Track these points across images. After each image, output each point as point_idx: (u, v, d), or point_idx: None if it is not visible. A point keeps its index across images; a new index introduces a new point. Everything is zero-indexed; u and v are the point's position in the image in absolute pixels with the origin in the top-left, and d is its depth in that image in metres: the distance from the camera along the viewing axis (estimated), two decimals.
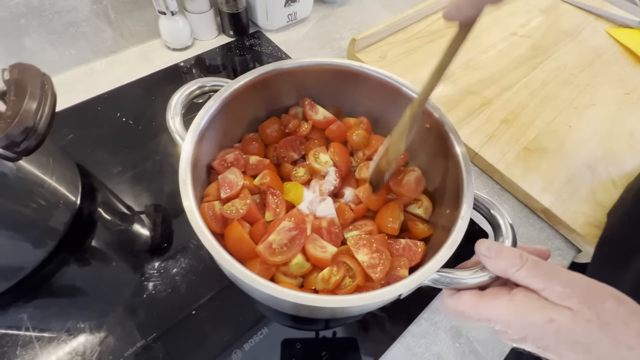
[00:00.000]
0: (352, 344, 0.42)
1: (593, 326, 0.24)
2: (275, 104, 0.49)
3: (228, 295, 0.44)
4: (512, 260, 0.27)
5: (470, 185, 0.34)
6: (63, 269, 0.45)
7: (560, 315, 0.24)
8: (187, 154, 0.35)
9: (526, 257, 0.27)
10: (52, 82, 0.36)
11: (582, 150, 0.59)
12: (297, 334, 0.42)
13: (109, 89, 0.63)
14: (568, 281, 0.25)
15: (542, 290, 0.26)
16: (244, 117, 0.47)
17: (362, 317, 0.43)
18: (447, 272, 0.30)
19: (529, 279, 0.26)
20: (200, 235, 0.31)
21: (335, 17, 0.83)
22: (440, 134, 0.40)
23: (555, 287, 0.25)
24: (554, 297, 0.25)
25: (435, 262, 0.29)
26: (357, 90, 0.46)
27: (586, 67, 0.73)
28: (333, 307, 0.28)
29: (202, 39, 0.73)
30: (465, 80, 0.68)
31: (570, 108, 0.65)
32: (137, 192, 0.52)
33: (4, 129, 0.31)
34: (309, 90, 0.48)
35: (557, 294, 0.25)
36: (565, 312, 0.24)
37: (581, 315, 0.24)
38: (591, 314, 0.24)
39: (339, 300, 0.29)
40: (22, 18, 0.55)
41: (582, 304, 0.24)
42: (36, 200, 0.41)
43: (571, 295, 0.25)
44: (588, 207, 0.52)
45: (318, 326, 0.43)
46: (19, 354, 0.39)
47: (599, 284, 0.25)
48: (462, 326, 0.44)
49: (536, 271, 0.26)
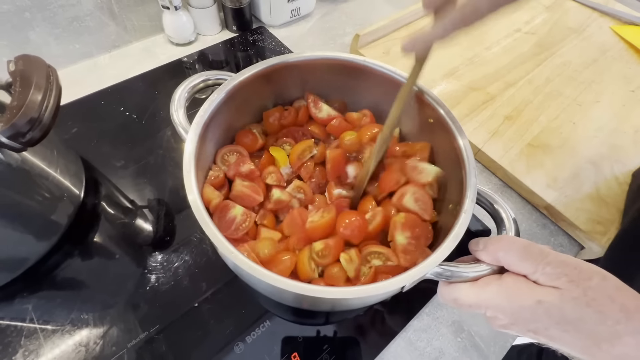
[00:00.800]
0: (354, 338, 0.42)
1: (580, 303, 0.24)
2: (280, 98, 0.48)
3: (231, 288, 0.44)
4: (499, 244, 0.28)
5: (473, 178, 0.34)
6: (67, 262, 0.45)
7: (548, 295, 0.25)
8: (190, 146, 0.35)
9: (514, 240, 0.28)
10: (57, 74, 0.36)
11: (586, 147, 0.59)
12: (299, 327, 0.42)
13: (112, 83, 0.63)
14: (558, 262, 0.26)
15: (532, 274, 0.26)
16: (248, 109, 0.46)
17: (364, 311, 0.44)
18: (449, 265, 0.30)
19: (520, 262, 0.27)
20: (205, 227, 0.31)
21: (338, 13, 0.82)
22: (443, 128, 0.40)
23: (545, 269, 0.26)
24: (544, 279, 0.26)
25: (439, 255, 0.29)
26: (362, 85, 0.46)
27: (591, 64, 0.72)
28: (335, 298, 0.28)
29: (206, 34, 0.73)
30: (469, 76, 0.68)
31: (575, 105, 0.65)
32: (141, 185, 0.52)
33: (9, 119, 0.31)
34: (313, 84, 0.48)
35: (547, 275, 0.26)
36: (553, 292, 0.25)
37: (568, 293, 0.25)
38: (578, 291, 0.24)
39: (341, 292, 0.29)
40: (26, 11, 0.55)
41: (570, 282, 0.25)
42: (40, 193, 0.41)
43: (560, 275, 0.25)
44: (591, 204, 0.52)
45: (320, 320, 0.43)
46: (24, 344, 0.39)
47: (586, 264, 0.26)
48: (464, 321, 0.44)
49: (526, 254, 0.27)
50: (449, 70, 0.69)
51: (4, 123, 0.31)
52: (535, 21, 0.81)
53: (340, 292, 0.29)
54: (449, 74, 0.68)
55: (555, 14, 0.83)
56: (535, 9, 0.84)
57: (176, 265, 0.45)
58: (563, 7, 0.85)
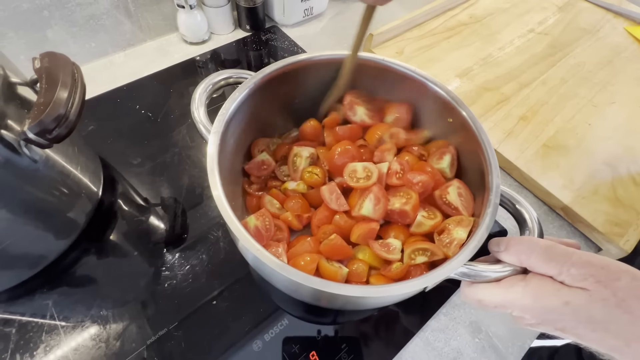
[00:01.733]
0: (372, 338, 0.42)
1: (609, 304, 0.24)
2: (302, 96, 0.48)
3: (249, 286, 0.44)
4: (522, 246, 0.28)
5: (496, 178, 0.34)
6: (85, 259, 0.45)
7: (576, 296, 0.25)
8: (213, 145, 0.35)
9: (536, 242, 0.28)
10: (81, 72, 0.36)
11: (602, 148, 0.58)
12: (317, 327, 0.42)
13: (127, 81, 0.63)
14: (583, 262, 0.26)
15: (558, 275, 0.26)
16: (270, 107, 0.46)
17: (382, 310, 0.44)
18: (473, 265, 0.30)
19: (544, 264, 0.27)
20: (229, 222, 0.31)
21: (351, 13, 0.82)
22: (464, 127, 0.40)
23: (570, 270, 0.26)
24: (570, 280, 0.26)
25: (464, 255, 0.29)
26: (393, 86, 0.45)
27: (605, 65, 0.72)
28: (355, 296, 0.28)
29: (219, 33, 0.74)
30: (483, 76, 0.67)
31: (590, 106, 0.64)
32: (157, 183, 0.52)
33: (37, 116, 0.31)
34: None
35: (573, 276, 0.25)
36: (581, 293, 0.25)
37: (597, 294, 0.24)
38: (607, 292, 0.24)
39: (362, 290, 0.28)
40: (45, 10, 0.55)
41: (597, 283, 0.25)
42: (61, 190, 0.42)
43: (586, 275, 0.25)
44: (609, 205, 0.52)
45: (338, 318, 0.43)
46: (45, 339, 0.40)
47: (614, 262, 0.26)
48: (482, 321, 0.44)
49: (550, 255, 0.27)
50: (463, 70, 0.68)
51: (31, 119, 0.31)
52: (548, 22, 0.80)
53: (360, 290, 0.28)
54: (463, 74, 0.68)
55: (568, 15, 0.82)
56: (547, 9, 0.84)
57: (193, 263, 0.46)
58: (576, 7, 0.84)
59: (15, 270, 0.42)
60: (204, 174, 0.33)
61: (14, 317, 0.41)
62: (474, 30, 0.77)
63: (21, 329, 0.40)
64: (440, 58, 0.70)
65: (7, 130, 0.32)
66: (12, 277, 0.42)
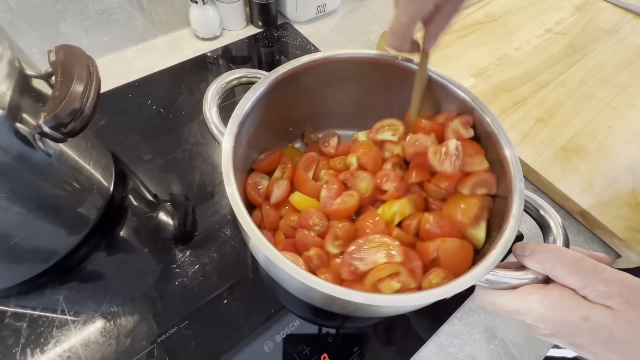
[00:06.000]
0: (385, 341, 0.41)
1: (634, 327, 0.23)
2: (316, 95, 0.47)
3: (260, 285, 0.44)
4: (548, 254, 0.27)
5: (519, 183, 0.33)
6: (95, 254, 0.45)
7: (598, 313, 0.24)
8: (228, 144, 0.34)
9: (564, 252, 0.27)
10: (97, 65, 0.36)
11: (622, 152, 0.57)
12: (329, 329, 0.42)
13: (139, 76, 0.63)
14: (614, 280, 0.24)
15: (582, 289, 0.25)
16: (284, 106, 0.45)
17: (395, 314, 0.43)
18: (496, 273, 0.29)
19: (569, 276, 0.26)
20: (242, 221, 0.30)
21: (363, 10, 0.81)
22: (485, 131, 0.39)
23: (597, 285, 0.24)
24: (594, 296, 0.24)
25: (489, 262, 0.28)
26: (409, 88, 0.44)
27: (626, 66, 0.70)
28: (371, 304, 0.27)
29: (231, 29, 0.73)
30: (499, 77, 0.66)
31: (609, 108, 0.63)
32: (168, 180, 0.52)
33: (52, 109, 0.30)
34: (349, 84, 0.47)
35: (599, 292, 0.24)
36: (604, 311, 0.24)
37: (622, 315, 0.23)
38: (634, 315, 0.23)
39: (379, 299, 0.27)
40: (59, 3, 0.55)
41: (626, 303, 0.23)
42: (74, 185, 0.41)
43: (614, 294, 0.24)
44: (629, 211, 0.50)
45: (350, 321, 0.42)
46: (55, 334, 0.39)
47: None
48: (497, 327, 0.43)
49: (577, 268, 0.26)
50: (478, 70, 0.67)
51: (47, 113, 0.30)
52: (566, 22, 0.78)
53: (377, 299, 0.27)
54: (478, 74, 0.66)
55: (587, 15, 0.80)
56: (565, 8, 0.82)
57: (204, 261, 0.45)
58: (595, 7, 0.82)
59: (26, 265, 0.41)
60: (215, 171, 0.33)
61: (25, 312, 0.41)
62: (490, 29, 0.75)
63: (32, 323, 0.40)
64: (455, 57, 0.69)
65: (22, 123, 0.31)
66: (23, 272, 0.42)
